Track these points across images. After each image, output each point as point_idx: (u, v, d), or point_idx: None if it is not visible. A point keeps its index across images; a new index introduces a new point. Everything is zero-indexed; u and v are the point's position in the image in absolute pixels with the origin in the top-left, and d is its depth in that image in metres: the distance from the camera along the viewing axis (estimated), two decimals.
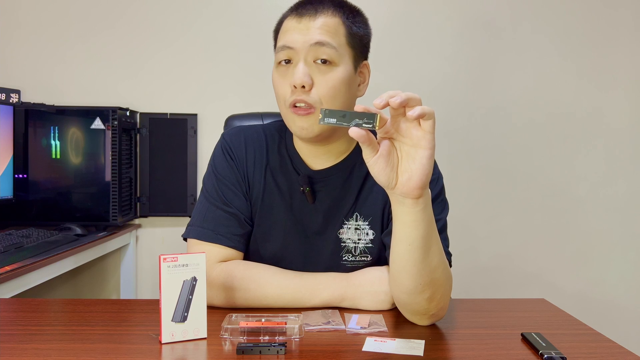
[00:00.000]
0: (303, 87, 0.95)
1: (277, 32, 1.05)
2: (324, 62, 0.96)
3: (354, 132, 0.73)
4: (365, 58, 1.05)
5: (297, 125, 0.98)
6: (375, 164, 0.77)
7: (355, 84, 1.02)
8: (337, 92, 0.97)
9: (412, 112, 0.71)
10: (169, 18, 2.30)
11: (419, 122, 0.74)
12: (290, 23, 0.99)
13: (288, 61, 0.98)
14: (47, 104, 2.14)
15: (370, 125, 0.73)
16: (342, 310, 0.95)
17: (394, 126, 0.76)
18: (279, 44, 1.00)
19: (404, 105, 0.72)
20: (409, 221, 0.81)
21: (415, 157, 0.75)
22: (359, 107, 0.74)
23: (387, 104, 0.72)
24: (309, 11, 0.98)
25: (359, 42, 1.01)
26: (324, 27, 0.97)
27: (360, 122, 0.73)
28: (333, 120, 0.74)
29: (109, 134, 2.04)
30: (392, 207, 0.83)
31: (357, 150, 1.07)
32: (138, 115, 2.25)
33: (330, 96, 0.96)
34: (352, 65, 1.00)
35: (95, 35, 2.30)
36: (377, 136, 0.78)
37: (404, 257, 0.85)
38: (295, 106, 0.97)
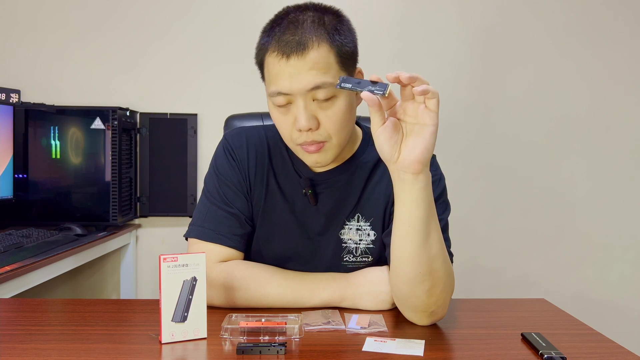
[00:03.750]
0: (310, 129, 0.93)
1: (261, 60, 0.98)
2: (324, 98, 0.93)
3: (366, 95, 0.78)
4: (357, 63, 1.01)
5: (311, 160, 0.98)
6: (382, 134, 0.81)
7: (354, 99, 0.99)
8: (344, 121, 0.95)
9: (418, 87, 0.77)
10: (169, 18, 2.30)
11: (425, 103, 0.79)
12: (277, 66, 0.92)
13: (286, 102, 0.94)
14: (47, 104, 2.14)
15: (382, 92, 0.78)
16: (342, 310, 0.95)
17: (402, 108, 0.81)
18: (272, 89, 0.93)
19: (412, 82, 0.77)
20: (409, 200, 0.83)
21: (419, 133, 0.80)
22: (373, 76, 0.79)
23: (397, 78, 0.77)
24: (293, 48, 0.90)
25: (350, 57, 0.96)
26: (315, 65, 0.90)
27: (373, 88, 0.78)
28: (349, 86, 0.80)
29: (109, 134, 2.04)
30: (394, 186, 0.85)
31: (359, 152, 1.07)
32: (138, 115, 2.25)
33: (338, 129, 0.95)
34: None
35: (95, 35, 2.30)
36: (386, 114, 0.82)
37: (404, 240, 0.86)
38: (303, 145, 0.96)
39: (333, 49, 0.93)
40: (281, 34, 0.93)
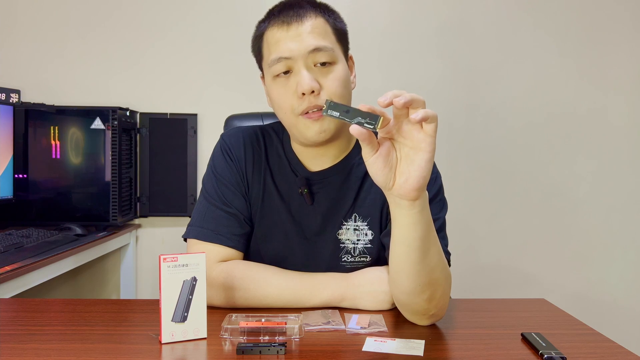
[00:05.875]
0: (312, 92, 0.95)
1: (258, 47, 1.03)
2: (323, 64, 0.96)
3: (355, 129, 0.72)
4: (349, 50, 1.06)
5: (314, 130, 0.97)
6: (374, 164, 0.76)
7: (350, 78, 1.03)
8: (343, 89, 0.98)
9: (415, 115, 0.71)
10: (169, 18, 2.30)
11: (421, 125, 0.74)
12: (278, 33, 0.97)
13: (286, 72, 0.97)
14: (47, 104, 2.14)
15: (372, 126, 0.72)
16: (342, 310, 0.95)
17: (395, 127, 0.75)
18: (272, 57, 0.97)
19: (408, 106, 0.72)
20: (406, 223, 0.81)
21: (415, 159, 0.75)
22: (363, 106, 0.73)
23: (391, 103, 0.72)
24: (293, 17, 0.97)
25: (344, 37, 1.03)
26: (314, 30, 0.96)
27: (363, 121, 0.72)
28: (336, 114, 0.74)
29: (109, 134, 2.04)
30: (390, 208, 0.83)
31: (354, 151, 1.07)
32: (138, 115, 2.25)
33: (339, 94, 0.97)
34: (345, 60, 1.02)
35: (96, 35, 2.30)
36: (378, 136, 0.77)
37: (402, 258, 0.85)
38: (307, 112, 0.96)
39: (329, 23, 1.00)
40: (279, 11, 0.99)
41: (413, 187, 0.76)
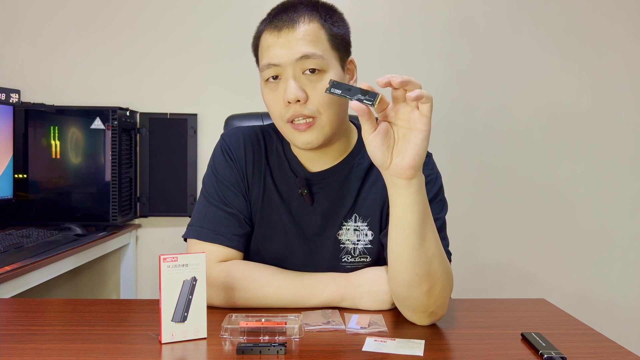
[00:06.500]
0: (298, 100, 0.95)
1: (256, 47, 1.03)
2: (313, 71, 0.95)
3: (355, 105, 0.77)
4: (350, 54, 1.04)
5: (301, 140, 0.97)
6: (373, 140, 0.80)
7: (345, 80, 1.02)
8: (332, 98, 0.96)
9: (412, 93, 0.75)
10: (169, 18, 2.30)
11: (418, 107, 0.78)
12: (270, 39, 0.97)
13: (276, 77, 0.97)
14: (47, 104, 2.14)
15: (371, 103, 0.77)
16: (342, 310, 0.95)
17: (393, 111, 0.80)
18: (263, 62, 0.98)
19: (404, 86, 0.76)
20: (403, 204, 0.83)
21: (411, 138, 0.79)
22: (363, 84, 0.78)
23: (389, 83, 0.76)
24: (285, 22, 0.96)
25: (341, 41, 1.00)
26: (305, 37, 0.95)
27: (362, 98, 0.77)
28: (338, 92, 0.79)
29: (109, 134, 2.04)
30: (388, 190, 0.85)
31: (354, 152, 1.07)
32: (138, 115, 2.25)
33: (326, 104, 0.96)
34: (339, 66, 1.00)
35: (96, 35, 2.30)
36: (378, 119, 0.81)
37: (400, 244, 0.85)
38: (294, 122, 0.96)
39: (324, 28, 0.98)
40: (275, 15, 0.99)
41: (409, 164, 0.79)
